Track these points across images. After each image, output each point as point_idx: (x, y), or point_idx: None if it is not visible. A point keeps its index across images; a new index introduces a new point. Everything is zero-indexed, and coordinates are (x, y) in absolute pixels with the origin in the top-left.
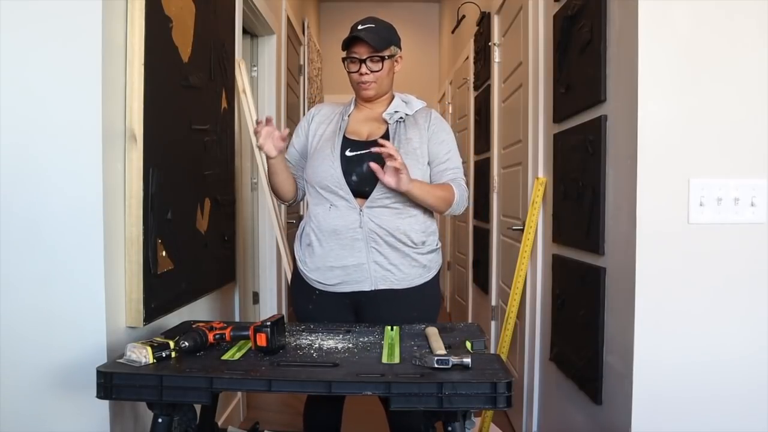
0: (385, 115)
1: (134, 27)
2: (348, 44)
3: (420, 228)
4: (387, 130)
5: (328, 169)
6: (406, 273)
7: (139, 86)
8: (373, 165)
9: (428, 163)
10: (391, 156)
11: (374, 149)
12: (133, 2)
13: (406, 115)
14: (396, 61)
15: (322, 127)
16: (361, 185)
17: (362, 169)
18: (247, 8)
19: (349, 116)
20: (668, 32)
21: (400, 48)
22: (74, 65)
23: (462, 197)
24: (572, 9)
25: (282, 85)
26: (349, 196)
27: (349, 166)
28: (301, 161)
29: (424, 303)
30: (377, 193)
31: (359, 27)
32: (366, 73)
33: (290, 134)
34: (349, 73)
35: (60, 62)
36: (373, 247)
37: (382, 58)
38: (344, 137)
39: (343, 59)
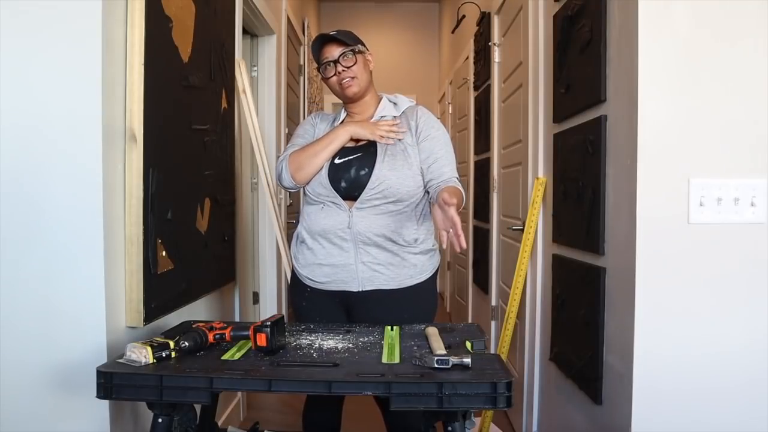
0: (372, 121)
1: (134, 27)
2: (319, 51)
3: (411, 225)
4: None
5: (317, 178)
6: (395, 273)
7: (139, 86)
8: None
9: (419, 162)
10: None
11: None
12: (133, 2)
13: (394, 117)
14: (367, 59)
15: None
16: (350, 190)
17: (350, 175)
18: (247, 8)
19: (340, 124)
20: (668, 32)
21: (367, 49)
22: (74, 65)
23: (463, 201)
24: (572, 9)
25: (282, 85)
26: (339, 200)
27: (337, 174)
28: None
29: (416, 305)
30: (366, 194)
31: (320, 34)
32: (343, 70)
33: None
34: (327, 79)
35: (60, 62)
36: (361, 248)
37: (353, 52)
38: None
39: (318, 70)
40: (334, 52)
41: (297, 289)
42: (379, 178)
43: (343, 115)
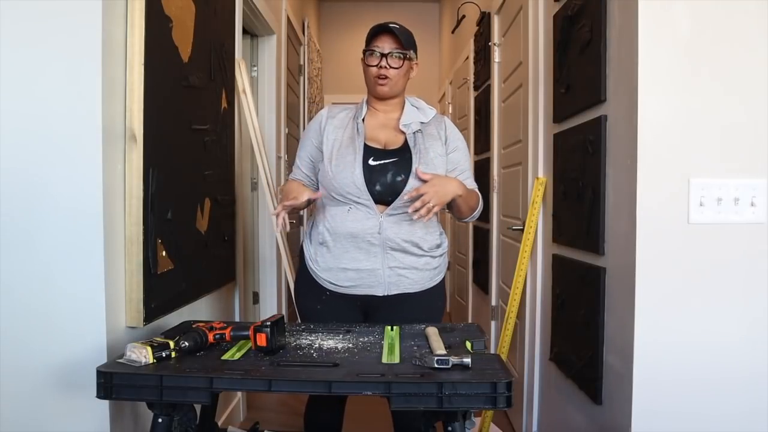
0: (402, 127)
1: (134, 27)
2: (373, 37)
3: (435, 230)
4: (405, 141)
5: (349, 177)
6: (419, 277)
7: (139, 86)
8: (413, 198)
9: (446, 172)
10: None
11: (412, 196)
12: (133, 2)
13: (422, 123)
14: (412, 67)
15: (339, 132)
16: (384, 194)
17: (386, 179)
18: (247, 8)
19: (363, 121)
20: (668, 32)
21: (416, 56)
22: (74, 65)
23: (481, 206)
24: (572, 9)
25: (282, 85)
26: (371, 203)
27: (373, 176)
28: (314, 166)
29: (433, 306)
30: (399, 201)
31: (385, 23)
32: (385, 67)
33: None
34: (367, 66)
35: (60, 62)
36: (389, 253)
37: (404, 56)
38: (365, 145)
39: (364, 53)
40: (386, 45)
41: (312, 292)
42: (414, 186)
43: (365, 109)
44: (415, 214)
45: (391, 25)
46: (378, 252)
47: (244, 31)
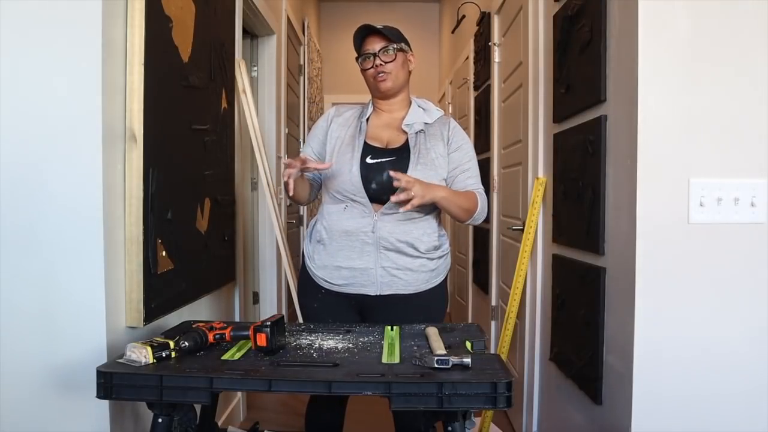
0: (404, 126)
1: (134, 27)
2: (360, 42)
3: (433, 231)
4: (407, 140)
5: (347, 174)
6: (413, 278)
7: (139, 86)
8: (394, 198)
9: (447, 172)
10: (404, 188)
11: (393, 176)
12: (133, 2)
13: (425, 124)
14: (408, 59)
15: (342, 130)
16: (380, 193)
17: (382, 177)
18: (247, 8)
19: (367, 120)
20: (668, 32)
21: (410, 48)
22: (74, 65)
23: (483, 208)
24: (572, 9)
25: (282, 85)
26: (366, 201)
27: (369, 174)
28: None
29: (430, 308)
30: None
31: (364, 24)
32: (380, 64)
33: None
34: (364, 71)
35: (60, 62)
36: (382, 253)
37: (394, 48)
38: (365, 143)
39: (358, 60)
40: (375, 45)
41: (309, 290)
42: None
43: (370, 109)
44: (399, 196)
45: (371, 25)
46: (371, 251)
47: (244, 31)
